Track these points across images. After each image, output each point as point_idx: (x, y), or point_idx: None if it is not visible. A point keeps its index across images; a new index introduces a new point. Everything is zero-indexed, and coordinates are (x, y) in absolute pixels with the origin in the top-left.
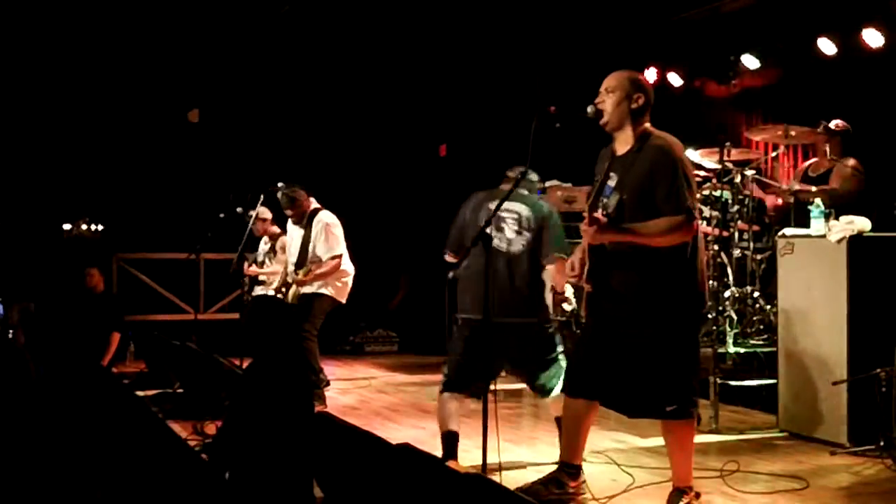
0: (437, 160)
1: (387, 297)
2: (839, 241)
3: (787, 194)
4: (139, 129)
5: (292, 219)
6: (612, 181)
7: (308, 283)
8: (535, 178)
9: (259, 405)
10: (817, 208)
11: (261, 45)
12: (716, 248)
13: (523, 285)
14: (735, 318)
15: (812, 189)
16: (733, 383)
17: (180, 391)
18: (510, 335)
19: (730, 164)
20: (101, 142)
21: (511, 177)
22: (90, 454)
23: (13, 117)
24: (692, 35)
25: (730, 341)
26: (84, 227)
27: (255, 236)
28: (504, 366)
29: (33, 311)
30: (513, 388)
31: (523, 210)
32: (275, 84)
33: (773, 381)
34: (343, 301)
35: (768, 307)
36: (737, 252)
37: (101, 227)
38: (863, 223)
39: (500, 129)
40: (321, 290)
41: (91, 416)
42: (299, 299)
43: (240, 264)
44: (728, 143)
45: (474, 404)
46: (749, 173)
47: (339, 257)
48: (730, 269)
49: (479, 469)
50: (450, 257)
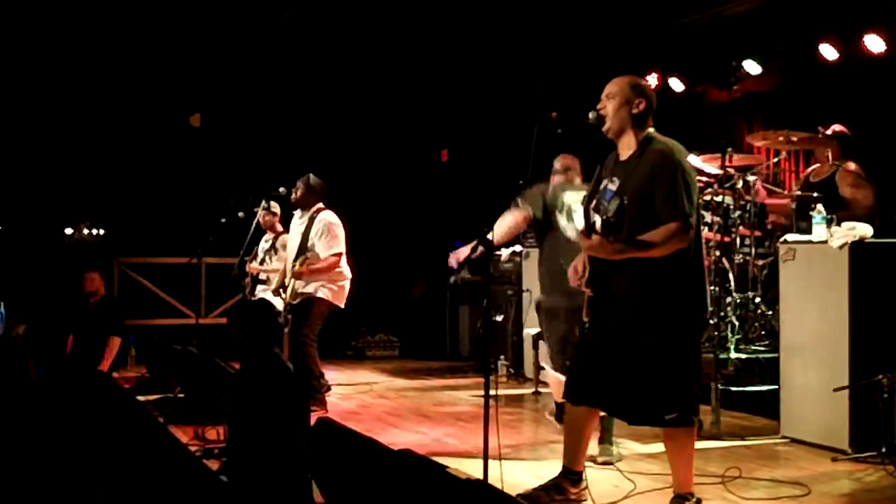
0: (439, 165)
1: (388, 302)
2: (841, 248)
3: (788, 210)
4: (141, 133)
5: (299, 202)
6: (613, 185)
7: (305, 276)
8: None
9: (253, 408)
10: (819, 214)
11: (263, 50)
12: (717, 253)
13: None
14: (737, 323)
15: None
16: (735, 389)
17: (181, 396)
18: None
19: (731, 170)
20: (103, 146)
21: (559, 168)
22: (90, 459)
23: (14, 121)
24: (693, 40)
25: (731, 347)
26: (85, 232)
27: (260, 231)
28: None
29: (23, 333)
30: (514, 393)
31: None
32: (277, 89)
33: (775, 387)
34: (341, 305)
35: (770, 313)
36: (738, 258)
37: (102, 232)
38: (864, 229)
39: (501, 135)
40: (319, 294)
41: (91, 421)
42: (297, 302)
43: (241, 268)
44: (730, 149)
45: (473, 408)
46: (751, 179)
47: (338, 255)
48: (731, 275)
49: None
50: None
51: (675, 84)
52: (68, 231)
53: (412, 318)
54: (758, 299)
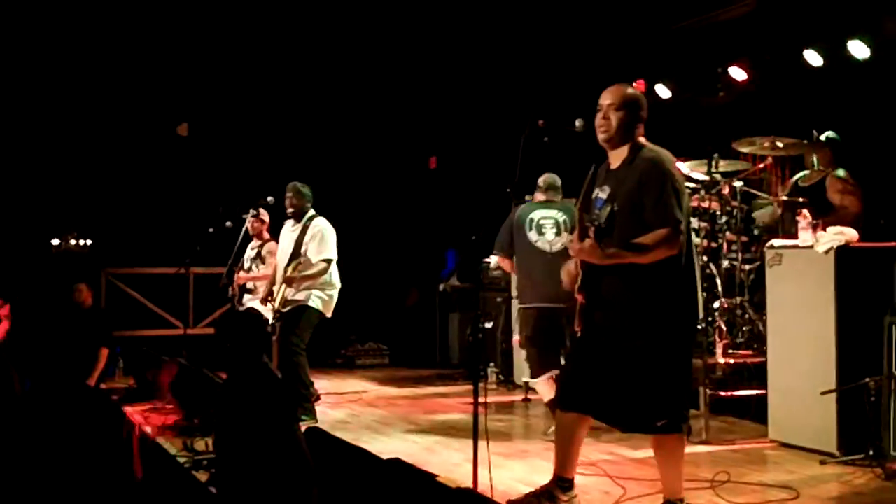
0: (427, 173)
1: (378, 311)
2: (827, 252)
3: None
4: (128, 143)
5: (292, 212)
6: (604, 193)
7: (295, 282)
8: (559, 183)
9: (241, 418)
10: (804, 219)
11: (251, 58)
12: (705, 259)
13: None
14: (724, 328)
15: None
16: (723, 394)
17: (171, 407)
18: (561, 316)
19: (718, 176)
20: (90, 156)
21: (542, 186)
22: (77, 469)
23: (1, 132)
24: (680, 47)
25: (719, 352)
26: (72, 242)
27: (248, 237)
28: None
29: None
30: (504, 400)
31: (558, 215)
32: (265, 97)
33: (763, 392)
34: (328, 315)
35: (757, 318)
36: (725, 263)
37: (89, 242)
38: (850, 233)
39: (489, 142)
40: (309, 303)
41: (78, 432)
42: (287, 310)
43: (230, 277)
44: (716, 155)
45: (463, 416)
46: (737, 185)
47: (328, 262)
48: (719, 280)
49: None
50: (499, 259)
51: (662, 90)
52: (55, 242)
53: (402, 327)
54: (745, 304)
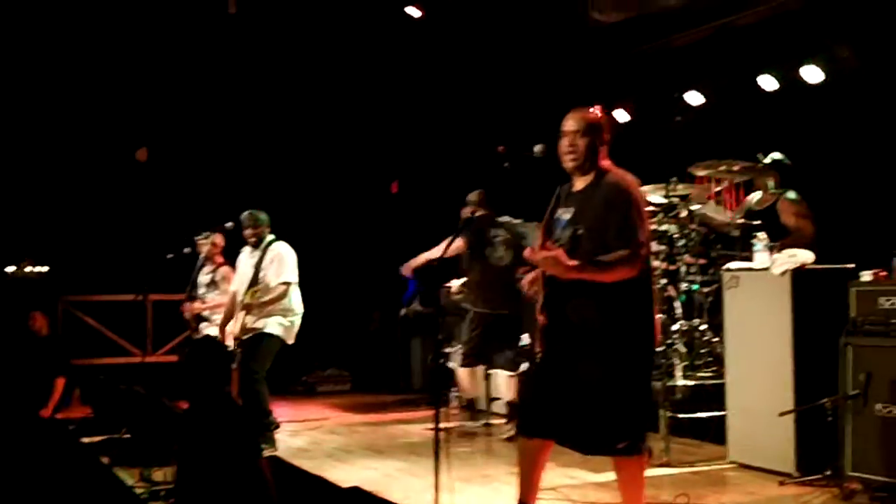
0: (389, 197)
1: (339, 337)
2: (783, 274)
3: (733, 227)
4: (86, 168)
5: (250, 240)
6: (567, 215)
7: (255, 309)
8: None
9: (202, 447)
10: (761, 242)
11: (210, 83)
12: (663, 281)
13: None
14: (683, 350)
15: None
16: (683, 416)
17: (127, 437)
18: (505, 321)
19: (675, 199)
20: (47, 181)
21: (473, 199)
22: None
23: None
24: (637, 72)
25: (679, 374)
26: (28, 269)
27: (203, 264)
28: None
29: None
30: (467, 425)
31: (505, 233)
32: (225, 122)
33: (723, 413)
34: (290, 341)
35: (716, 340)
36: (684, 285)
37: (45, 269)
38: (805, 256)
39: (450, 167)
40: (269, 329)
41: (35, 464)
42: (246, 337)
43: (189, 302)
44: (674, 179)
45: (425, 441)
46: (694, 208)
47: (288, 285)
48: (677, 303)
49: None
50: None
51: (620, 115)
52: (10, 269)
53: (364, 352)
54: (703, 326)
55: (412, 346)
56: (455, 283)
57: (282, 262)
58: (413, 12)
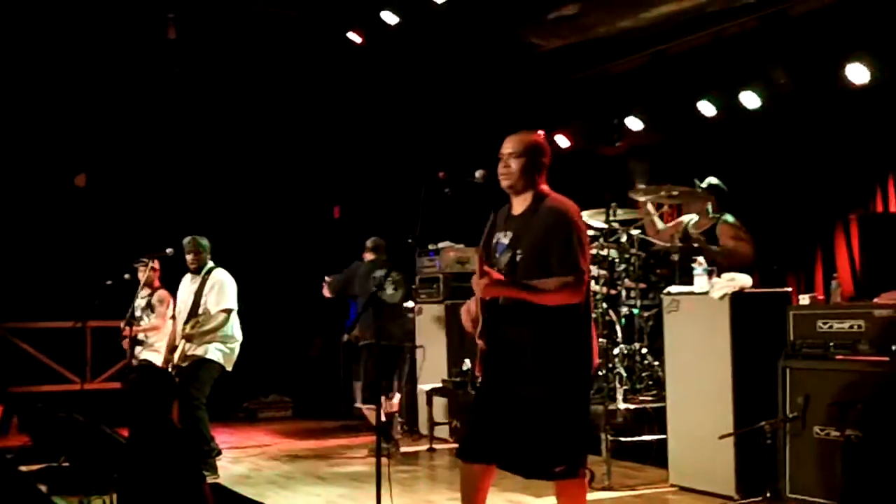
0: (331, 222)
1: (281, 363)
2: (722, 298)
3: (674, 247)
4: (24, 194)
5: (191, 265)
6: (505, 239)
7: (196, 339)
8: (383, 243)
9: (145, 475)
10: (700, 266)
11: (149, 109)
12: (604, 306)
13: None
14: (624, 374)
15: (712, 248)
16: (624, 439)
17: (66, 465)
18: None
19: (616, 224)
20: None
21: (370, 246)
22: None
23: None
24: (578, 98)
25: (620, 398)
26: None
27: (141, 286)
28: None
29: None
30: (409, 450)
31: (396, 275)
32: (164, 148)
33: (664, 437)
34: (229, 369)
35: (656, 363)
36: (624, 309)
37: None
38: (744, 280)
39: (392, 193)
40: (209, 356)
41: None
42: (187, 365)
43: (128, 328)
44: (614, 203)
45: (368, 467)
46: (634, 233)
47: (228, 312)
48: (618, 327)
49: None
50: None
51: (561, 140)
52: None
53: (306, 378)
54: (644, 350)
55: (354, 372)
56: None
57: (222, 290)
58: (354, 38)
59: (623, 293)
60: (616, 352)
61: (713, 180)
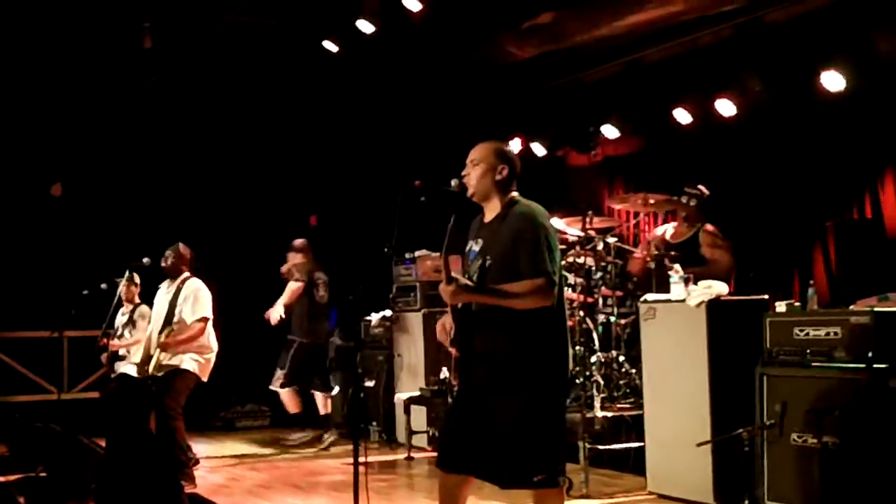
0: (308, 231)
1: (258, 371)
2: (698, 306)
3: (650, 260)
4: None
5: (167, 269)
6: (476, 246)
7: (171, 347)
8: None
9: (123, 484)
10: (676, 274)
11: (126, 117)
12: (581, 313)
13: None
14: (602, 382)
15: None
16: (602, 447)
17: (44, 475)
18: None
19: (592, 232)
20: None
21: (298, 246)
22: None
23: None
24: (554, 105)
25: (597, 406)
26: None
27: (121, 304)
28: None
29: None
30: (386, 459)
31: (324, 276)
32: (140, 157)
33: (641, 444)
34: (204, 379)
35: (634, 371)
36: (601, 317)
37: None
38: (720, 287)
39: (368, 202)
40: (184, 366)
41: None
42: (162, 375)
43: (103, 342)
44: (590, 212)
45: (346, 476)
46: (611, 241)
47: (204, 321)
48: (595, 335)
49: None
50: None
51: (538, 148)
52: None
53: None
54: (622, 358)
55: (331, 380)
56: (375, 317)
57: (197, 300)
58: (330, 47)
59: (600, 301)
60: (593, 360)
61: (700, 187)
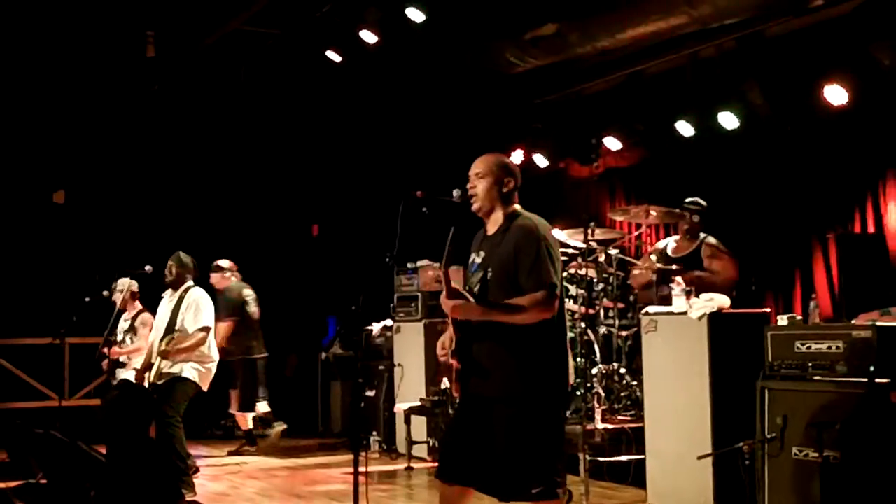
0: (309, 240)
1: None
2: (700, 318)
3: (651, 273)
4: (3, 211)
5: (169, 280)
6: (478, 259)
7: (172, 356)
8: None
9: (123, 492)
10: (678, 286)
11: (128, 125)
12: (583, 325)
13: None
14: (602, 394)
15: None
16: (603, 459)
17: (44, 482)
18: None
19: (594, 244)
20: None
21: (225, 267)
22: None
23: None
24: (556, 117)
25: (598, 417)
26: None
27: (120, 309)
28: None
29: None
30: (387, 469)
31: (253, 293)
32: (143, 164)
33: (642, 457)
34: (205, 388)
35: (634, 383)
36: (603, 329)
37: None
38: (722, 300)
39: (370, 212)
40: (184, 375)
41: None
42: (163, 382)
43: (107, 348)
44: (592, 223)
45: (346, 486)
46: (613, 252)
47: (206, 330)
48: (596, 347)
49: None
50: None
51: (540, 160)
52: None
53: (283, 395)
54: (623, 370)
55: (332, 390)
56: (376, 327)
57: (199, 309)
58: (333, 57)
59: (601, 313)
60: (594, 371)
61: (699, 200)
